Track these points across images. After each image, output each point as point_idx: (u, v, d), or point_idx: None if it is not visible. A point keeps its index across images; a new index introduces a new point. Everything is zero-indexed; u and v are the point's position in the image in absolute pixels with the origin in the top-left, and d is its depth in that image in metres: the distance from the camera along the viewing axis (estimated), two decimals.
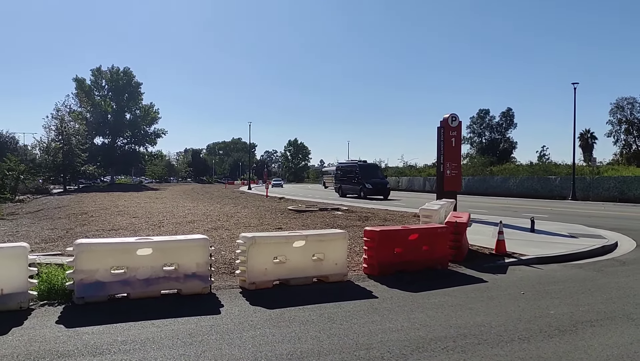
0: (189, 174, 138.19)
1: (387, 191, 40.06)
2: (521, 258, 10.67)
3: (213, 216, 19.51)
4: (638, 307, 6.92)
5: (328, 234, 8.86)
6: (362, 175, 40.89)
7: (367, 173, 41.36)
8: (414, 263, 9.29)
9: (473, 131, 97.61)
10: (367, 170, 42.39)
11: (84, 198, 34.98)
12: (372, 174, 41.61)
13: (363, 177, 40.54)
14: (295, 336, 5.50)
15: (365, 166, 43.61)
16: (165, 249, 7.30)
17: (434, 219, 12.95)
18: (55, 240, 12.91)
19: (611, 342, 5.39)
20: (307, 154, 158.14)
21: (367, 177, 40.57)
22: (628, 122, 76.97)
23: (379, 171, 44.86)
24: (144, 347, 5.11)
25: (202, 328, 5.77)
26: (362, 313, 6.51)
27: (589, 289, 8.09)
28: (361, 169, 42.08)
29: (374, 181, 40.27)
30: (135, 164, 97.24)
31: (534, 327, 5.91)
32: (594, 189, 38.68)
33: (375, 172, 42.98)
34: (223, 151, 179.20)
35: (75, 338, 5.34)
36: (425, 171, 70.66)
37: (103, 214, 20.60)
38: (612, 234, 15.03)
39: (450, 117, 19.11)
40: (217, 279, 8.24)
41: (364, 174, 40.98)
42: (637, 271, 9.79)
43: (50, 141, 58.16)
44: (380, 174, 44.33)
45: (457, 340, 5.39)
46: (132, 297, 6.93)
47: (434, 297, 7.44)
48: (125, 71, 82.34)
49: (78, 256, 6.66)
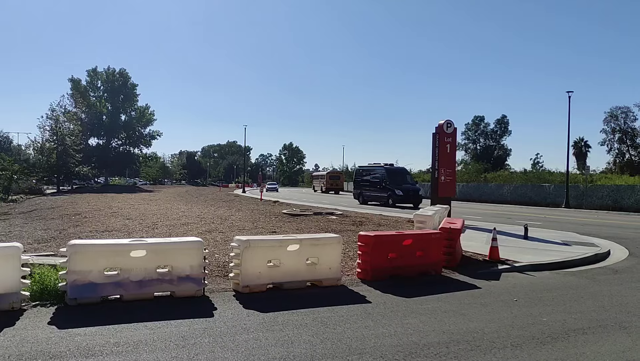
0: (183, 177, 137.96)
1: (420, 199, 34.63)
2: (514, 265, 10.70)
3: (207, 218, 19.47)
4: (630, 315, 6.96)
5: (322, 238, 8.85)
6: (390, 180, 35.78)
7: (395, 178, 36.26)
8: (408, 269, 9.30)
9: (468, 137, 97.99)
10: (396, 174, 37.04)
11: (78, 199, 34.82)
12: (401, 179, 36.40)
13: (391, 182, 35.51)
14: (288, 340, 5.50)
15: (394, 170, 38.05)
16: (159, 251, 7.29)
17: (428, 225, 12.97)
18: (49, 241, 12.85)
19: (603, 350, 5.41)
20: (302, 158, 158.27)
21: (396, 182, 35.48)
22: (622, 132, 77.43)
23: (408, 176, 39.02)
24: (136, 349, 5.09)
25: (195, 331, 5.75)
26: (355, 317, 6.51)
27: (581, 297, 8.13)
28: (389, 174, 36.69)
29: (406, 187, 35.18)
30: (130, 166, 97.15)
31: (527, 334, 5.93)
32: (588, 197, 38.86)
33: (404, 177, 37.45)
34: (218, 154, 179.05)
35: (68, 340, 5.31)
36: (420, 177, 70.72)
37: (97, 216, 20.52)
38: (604, 242, 15.09)
39: (446, 123, 19.17)
40: (211, 282, 8.23)
41: (392, 179, 35.87)
42: (629, 279, 9.84)
43: (44, 141, 57.97)
44: (410, 179, 38.69)
45: (450, 346, 5.40)
46: (125, 299, 6.91)
47: (427, 303, 7.45)
48: (121, 72, 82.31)
49: (71, 257, 6.63)
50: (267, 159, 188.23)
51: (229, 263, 8.62)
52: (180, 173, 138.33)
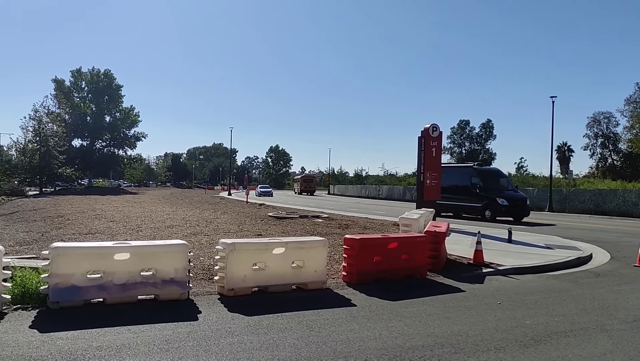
0: (168, 179, 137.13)
1: (528, 211, 26.85)
2: (498, 268, 10.78)
3: (192, 221, 19.36)
4: (611, 318, 7.05)
5: (308, 241, 8.85)
6: (485, 185, 27.03)
7: (490, 182, 27.53)
8: (393, 272, 9.34)
9: (453, 141, 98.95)
10: (491, 177, 28.38)
11: (61, 201, 34.42)
12: (499, 184, 27.81)
13: (486, 188, 26.89)
14: (273, 343, 5.48)
15: (488, 172, 29.62)
16: (143, 254, 7.22)
17: (413, 228, 13.02)
18: (30, 243, 12.69)
19: (585, 353, 5.48)
20: (289, 161, 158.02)
21: (493, 188, 26.99)
22: (604, 137, 78.67)
23: (505, 179, 29.75)
24: (119, 353, 5.04)
25: (179, 334, 5.71)
26: (340, 321, 6.51)
27: (563, 300, 8.21)
28: (482, 176, 27.90)
29: (510, 195, 26.67)
30: (114, 168, 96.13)
31: (510, 337, 5.98)
32: (571, 201, 39.32)
33: (502, 182, 28.68)
34: (204, 156, 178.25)
35: (49, 343, 5.24)
36: (406, 180, 71.28)
37: (80, 218, 20.29)
38: (587, 246, 15.28)
39: (431, 127, 19.28)
40: (196, 285, 8.18)
41: (487, 184, 27.12)
42: (610, 283, 9.97)
43: (27, 142, 57.15)
44: (510, 183, 29.38)
45: (435, 349, 5.43)
46: (108, 302, 6.83)
47: (412, 306, 7.48)
48: (106, 73, 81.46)
49: (54, 259, 6.55)
50: (254, 161, 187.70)
51: (214, 266, 8.57)
52: (165, 175, 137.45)
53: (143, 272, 7.15)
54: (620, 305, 7.96)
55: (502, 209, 25.83)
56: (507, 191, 27.31)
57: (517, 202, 26.29)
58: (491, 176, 28.44)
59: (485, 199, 26.52)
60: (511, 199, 26.26)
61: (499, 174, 30.05)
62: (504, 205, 25.81)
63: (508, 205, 25.83)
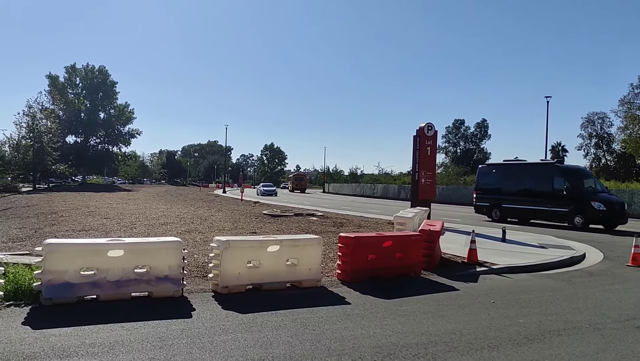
0: (163, 176, 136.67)
1: (626, 216, 22.75)
2: (492, 267, 10.82)
3: (187, 218, 19.31)
4: (604, 317, 7.08)
5: (302, 239, 8.85)
6: (572, 186, 22.99)
7: (579, 183, 23.55)
8: (387, 270, 9.34)
9: (448, 140, 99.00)
10: (579, 177, 24.18)
11: (54, 197, 34.26)
12: (587, 186, 23.61)
13: (576, 190, 22.83)
14: (267, 341, 5.48)
15: (575, 171, 24.97)
16: (137, 251, 7.20)
17: (408, 226, 13.03)
18: (24, 239, 12.63)
19: (578, 351, 5.50)
20: (284, 159, 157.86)
21: (581, 190, 22.98)
22: (598, 137, 78.95)
23: (593, 179, 25.27)
24: (112, 350, 5.02)
25: (172, 331, 5.69)
26: (334, 319, 6.51)
27: (557, 299, 8.25)
28: (568, 176, 23.72)
29: (606, 198, 22.61)
30: (108, 165, 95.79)
31: (504, 335, 6.00)
32: None
33: (589, 182, 24.28)
34: (198, 154, 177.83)
35: (42, 340, 5.22)
36: (400, 179, 71.38)
37: (73, 214, 20.21)
38: (580, 245, 15.35)
39: (427, 126, 19.30)
40: (190, 282, 8.16)
41: (575, 185, 23.13)
42: (603, 282, 10.02)
43: (20, 138, 56.81)
44: (599, 184, 25.23)
45: (429, 347, 5.44)
46: (101, 299, 6.80)
47: (406, 304, 7.49)
48: (101, 69, 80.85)
49: (47, 256, 6.51)
50: (249, 159, 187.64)
51: (208, 263, 8.55)
52: (159, 172, 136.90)
53: (137, 269, 7.12)
54: (613, 304, 8.00)
55: (599, 215, 21.88)
56: (601, 193, 23.20)
57: (615, 206, 22.28)
58: (579, 176, 24.30)
59: (575, 202, 22.41)
60: (608, 202, 22.24)
61: (586, 173, 26.31)
62: (601, 210, 21.82)
63: (605, 210, 21.82)
